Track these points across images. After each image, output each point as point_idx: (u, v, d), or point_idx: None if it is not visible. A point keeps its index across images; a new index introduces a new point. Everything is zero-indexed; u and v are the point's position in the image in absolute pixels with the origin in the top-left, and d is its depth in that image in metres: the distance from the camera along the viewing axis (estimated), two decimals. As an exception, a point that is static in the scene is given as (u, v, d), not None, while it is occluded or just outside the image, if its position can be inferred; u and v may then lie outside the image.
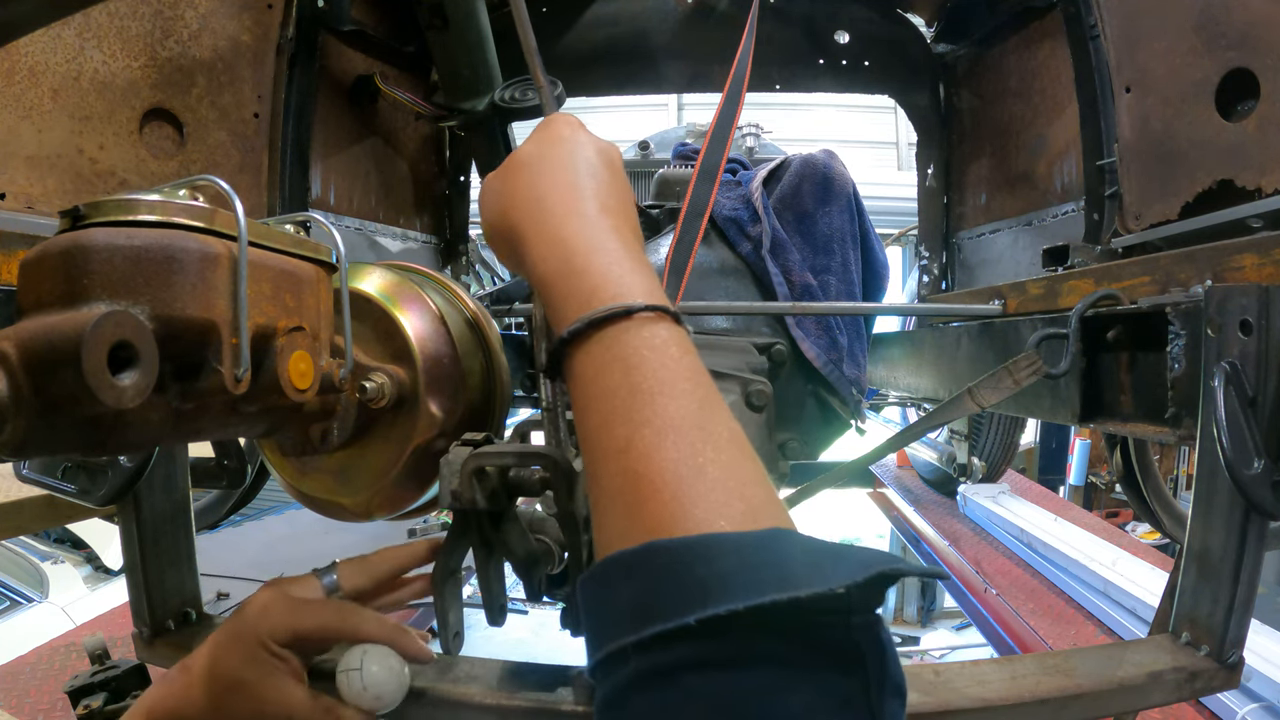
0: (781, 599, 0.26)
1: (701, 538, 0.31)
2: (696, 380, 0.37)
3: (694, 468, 0.33)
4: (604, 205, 0.45)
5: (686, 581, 0.29)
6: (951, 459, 2.78)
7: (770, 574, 0.28)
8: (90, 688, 1.04)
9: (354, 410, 0.66)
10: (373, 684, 0.53)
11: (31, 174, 0.93)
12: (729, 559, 0.29)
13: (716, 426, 0.35)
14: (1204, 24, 1.00)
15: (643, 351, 0.37)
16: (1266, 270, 0.83)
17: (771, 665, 0.27)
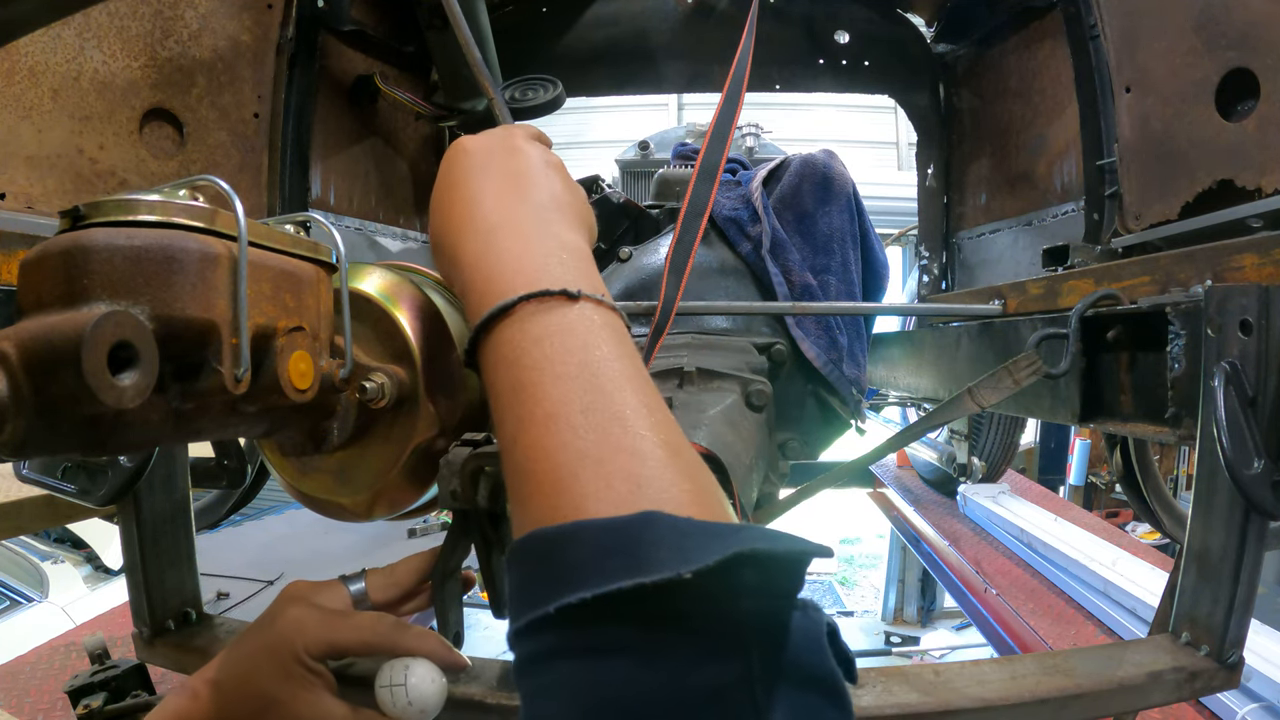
0: (627, 585, 0.26)
1: (566, 526, 0.30)
2: (584, 359, 0.36)
3: (575, 453, 0.32)
4: (495, 205, 0.45)
5: (551, 570, 0.29)
6: (951, 459, 2.78)
7: (623, 560, 0.27)
8: (90, 687, 1.04)
9: (354, 410, 0.66)
10: (418, 699, 0.51)
11: (31, 174, 0.93)
12: (587, 547, 0.29)
13: (604, 404, 0.34)
14: (1204, 24, 1.00)
15: (523, 345, 0.37)
16: (1266, 270, 0.83)
17: (628, 654, 0.26)
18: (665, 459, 0.33)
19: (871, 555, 7.00)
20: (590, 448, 0.33)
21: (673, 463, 0.33)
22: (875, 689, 0.72)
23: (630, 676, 0.26)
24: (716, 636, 0.26)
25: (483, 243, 0.43)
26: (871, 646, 5.16)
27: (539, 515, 0.32)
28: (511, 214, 0.44)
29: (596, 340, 0.37)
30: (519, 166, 0.48)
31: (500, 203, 0.45)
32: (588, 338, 0.37)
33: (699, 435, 0.76)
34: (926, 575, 5.24)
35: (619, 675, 0.26)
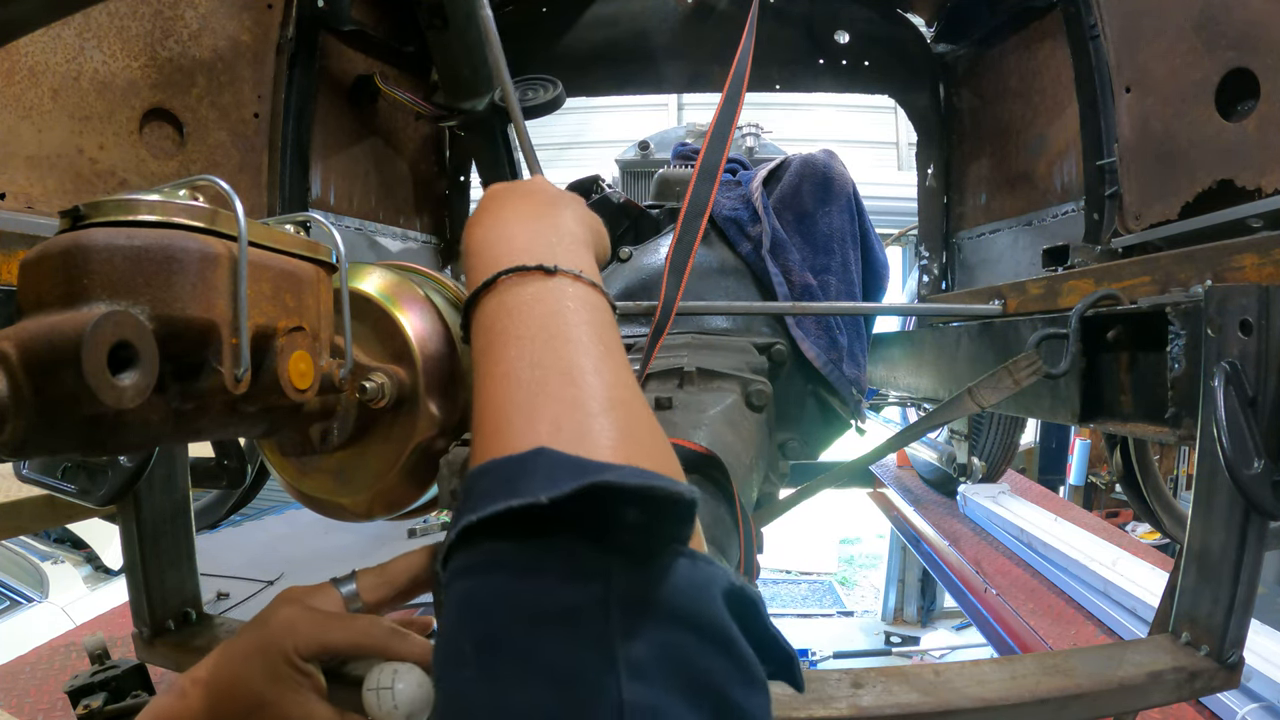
0: (499, 508, 0.28)
1: (484, 463, 0.33)
2: (545, 324, 0.39)
3: (513, 403, 0.36)
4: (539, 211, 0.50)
5: (466, 501, 0.31)
6: (951, 459, 2.78)
7: (507, 487, 0.29)
8: (90, 688, 1.04)
9: (354, 410, 0.66)
10: (404, 703, 0.50)
11: (31, 174, 0.93)
12: (491, 477, 0.32)
13: (553, 361, 0.37)
14: (1204, 24, 1.00)
15: (497, 314, 0.41)
16: (1266, 270, 0.83)
17: (501, 571, 0.29)
18: (597, 410, 0.35)
19: (871, 555, 7.01)
20: (526, 398, 0.35)
21: (605, 413, 0.35)
22: (875, 689, 0.72)
23: (503, 590, 0.28)
24: (579, 561, 0.28)
25: (493, 235, 0.47)
26: (871, 646, 5.16)
27: (477, 453, 0.36)
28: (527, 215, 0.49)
29: (562, 307, 0.40)
30: (551, 195, 0.53)
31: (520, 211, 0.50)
32: (555, 305, 0.40)
33: (699, 435, 0.76)
34: (926, 575, 5.24)
35: (493, 590, 0.28)
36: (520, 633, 0.26)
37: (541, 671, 0.25)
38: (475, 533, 0.29)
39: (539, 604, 0.27)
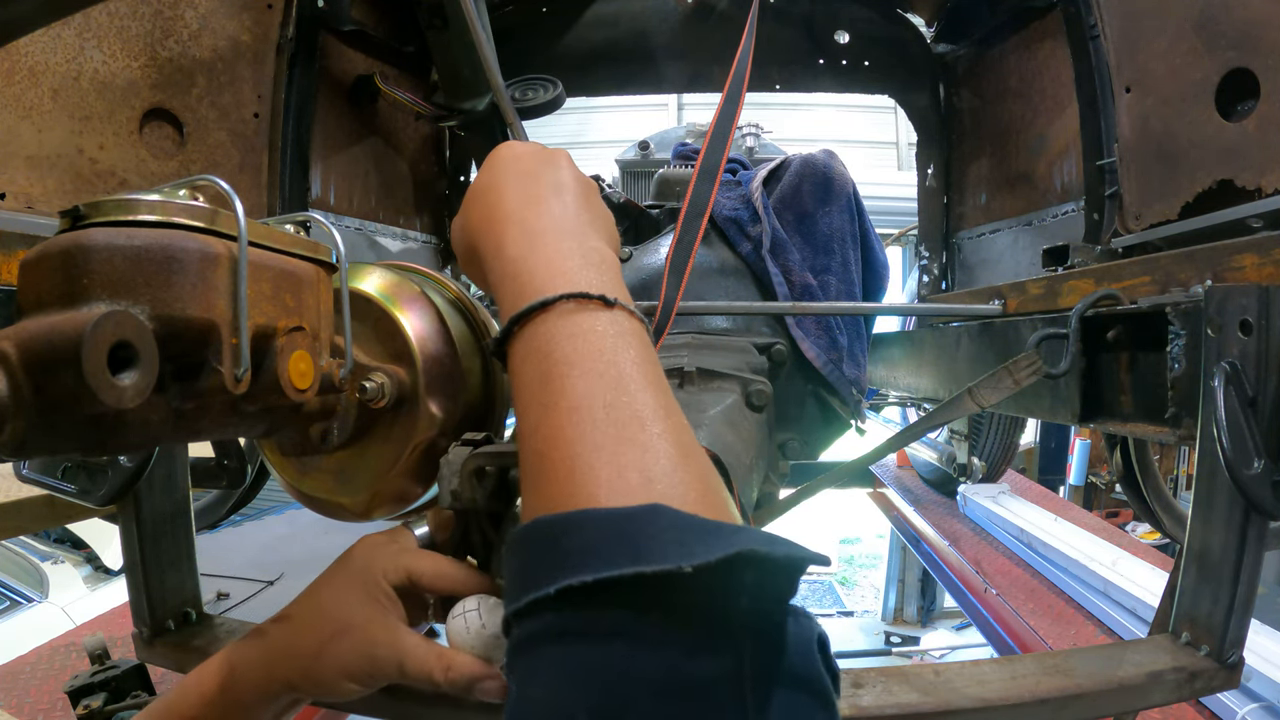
0: (628, 572, 0.26)
1: (575, 512, 0.31)
2: (613, 359, 0.37)
3: (592, 445, 0.34)
4: (552, 208, 0.47)
5: (554, 553, 0.29)
6: (951, 459, 2.78)
7: (627, 548, 0.27)
8: (90, 688, 1.04)
9: (354, 410, 0.66)
10: (493, 622, 0.48)
11: (31, 174, 0.93)
12: (592, 532, 0.29)
13: (627, 402, 0.35)
14: (1204, 24, 1.00)
15: (557, 339, 0.39)
16: (1266, 270, 0.83)
17: (623, 640, 0.27)
18: (678, 459, 0.34)
19: (871, 555, 7.00)
20: (607, 441, 0.34)
21: (685, 464, 0.34)
22: (875, 689, 0.72)
23: (624, 662, 0.26)
24: (712, 631, 0.26)
25: (528, 244, 0.45)
26: (871, 646, 5.16)
27: (549, 501, 0.33)
28: (555, 222, 0.46)
29: (625, 345, 0.38)
30: (561, 180, 0.50)
31: (545, 210, 0.47)
32: (617, 341, 0.38)
33: (699, 435, 0.76)
34: (926, 575, 5.24)
35: (612, 660, 0.26)
36: (648, 707, 0.25)
37: None
38: (580, 595, 0.27)
39: (670, 678, 0.25)
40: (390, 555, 0.52)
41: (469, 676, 0.48)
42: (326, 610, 0.50)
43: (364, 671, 0.49)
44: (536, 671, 0.28)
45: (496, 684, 0.48)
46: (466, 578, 0.52)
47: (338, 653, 0.49)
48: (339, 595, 0.51)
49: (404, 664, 0.48)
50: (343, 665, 0.49)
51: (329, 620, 0.50)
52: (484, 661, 0.49)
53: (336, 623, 0.50)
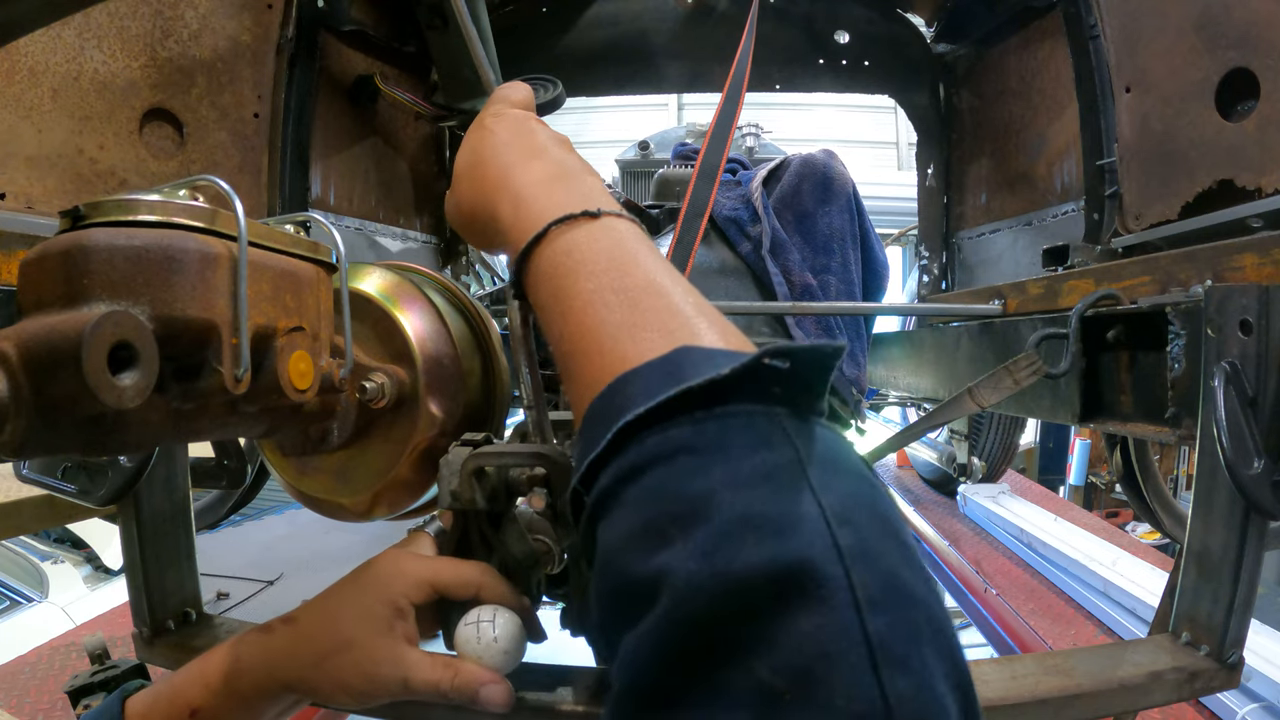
0: (674, 392, 0.28)
1: (617, 378, 0.33)
2: (611, 254, 0.40)
3: (611, 326, 0.36)
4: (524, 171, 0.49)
5: (605, 417, 0.31)
6: (951, 459, 2.78)
7: (668, 380, 0.29)
8: (90, 688, 1.04)
9: (354, 410, 0.66)
10: (504, 636, 0.49)
11: (31, 174, 0.92)
12: (635, 385, 0.31)
13: (633, 282, 0.38)
14: (1204, 24, 1.00)
15: (556, 259, 0.42)
16: (1266, 270, 0.83)
17: (687, 454, 0.28)
18: (691, 312, 0.36)
19: (871, 555, 6.98)
20: (623, 317, 0.36)
21: (698, 315, 0.36)
22: (875, 689, 0.72)
23: (690, 473, 0.27)
24: (761, 430, 0.28)
25: (514, 206, 0.47)
26: (871, 646, 5.14)
27: (589, 383, 0.35)
28: (536, 175, 0.49)
29: (619, 239, 0.41)
30: (537, 143, 0.52)
31: (527, 171, 0.49)
32: (611, 238, 0.41)
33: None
34: (926, 575, 5.22)
35: (679, 473, 0.27)
36: (728, 499, 0.26)
37: (758, 528, 0.25)
38: (636, 429, 0.29)
39: (738, 472, 0.27)
40: (413, 572, 0.52)
41: (476, 683, 0.48)
42: (332, 623, 0.51)
43: (361, 690, 0.49)
44: (614, 517, 0.29)
45: (502, 689, 0.49)
46: (490, 586, 0.53)
47: (338, 667, 0.49)
48: (347, 610, 0.51)
49: (409, 679, 0.49)
50: (341, 680, 0.49)
51: (332, 634, 0.50)
52: (489, 670, 0.49)
53: (339, 637, 0.50)
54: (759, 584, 0.23)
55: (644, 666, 0.24)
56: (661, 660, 0.24)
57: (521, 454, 0.54)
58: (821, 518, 0.25)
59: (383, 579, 0.52)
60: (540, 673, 0.62)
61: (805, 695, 0.22)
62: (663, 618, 0.24)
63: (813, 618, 0.23)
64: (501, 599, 0.53)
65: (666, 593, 0.24)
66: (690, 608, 0.24)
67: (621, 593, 0.27)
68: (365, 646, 0.49)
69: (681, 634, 0.24)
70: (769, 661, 0.22)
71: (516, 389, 0.63)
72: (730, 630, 0.23)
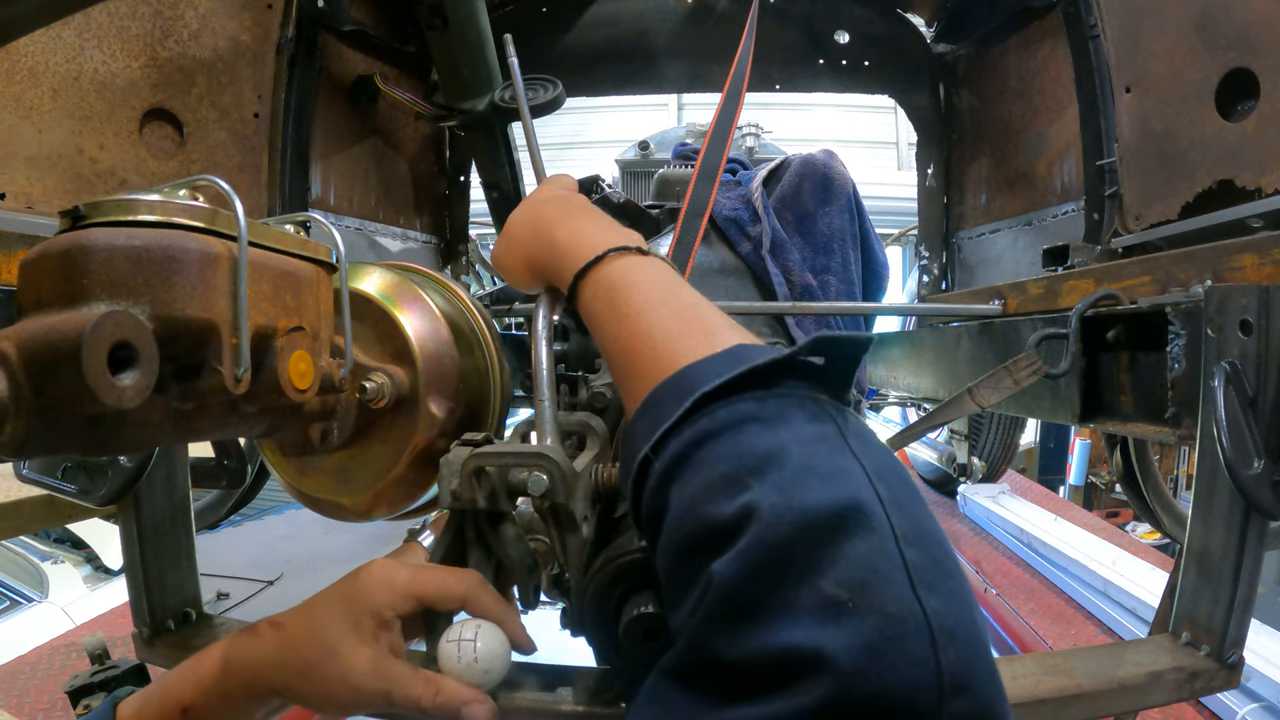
0: (743, 369, 0.35)
1: (684, 368, 0.40)
2: (658, 279, 0.50)
3: (663, 330, 0.45)
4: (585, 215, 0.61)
5: (679, 394, 0.37)
6: (951, 459, 2.78)
7: (731, 364, 0.37)
8: (90, 688, 1.04)
9: (354, 410, 0.66)
10: (485, 656, 0.49)
11: (31, 174, 0.93)
12: (703, 369, 0.38)
13: (674, 299, 0.47)
14: (1204, 24, 1.00)
15: (613, 277, 0.51)
16: (1266, 270, 0.83)
17: (754, 422, 0.34)
18: (727, 325, 0.45)
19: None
20: (673, 325, 0.45)
21: (733, 327, 0.45)
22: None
23: (760, 435, 0.34)
24: (812, 405, 0.35)
25: (571, 233, 0.58)
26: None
27: (647, 372, 0.42)
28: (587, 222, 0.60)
29: (660, 271, 0.52)
30: (590, 207, 0.64)
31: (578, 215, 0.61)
32: (655, 269, 0.52)
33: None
34: (926, 575, 5.22)
35: (751, 436, 0.34)
36: (795, 451, 0.32)
37: (821, 475, 0.31)
38: (707, 401, 0.35)
39: (799, 434, 0.33)
40: (399, 584, 0.52)
41: (457, 701, 0.49)
42: (317, 632, 0.51)
43: (345, 700, 0.49)
44: (691, 475, 0.34)
45: (485, 709, 0.49)
46: (476, 599, 0.53)
47: (323, 677, 0.49)
48: (332, 620, 0.51)
49: (391, 694, 0.49)
50: (326, 690, 0.49)
51: (317, 642, 0.50)
52: (472, 687, 0.49)
53: (324, 647, 0.50)
54: (825, 516, 0.29)
55: (733, 585, 0.29)
56: (750, 577, 0.29)
57: (522, 454, 0.54)
58: (863, 473, 0.32)
59: (369, 589, 0.52)
60: (540, 673, 0.62)
61: (863, 602, 0.27)
62: (753, 541, 0.29)
63: (864, 544, 0.29)
64: (487, 612, 0.52)
65: (754, 522, 0.30)
66: (775, 531, 0.29)
67: (702, 533, 0.32)
68: (349, 657, 0.49)
69: (768, 554, 0.29)
70: (833, 576, 0.28)
71: (517, 389, 0.63)
72: (803, 550, 0.29)
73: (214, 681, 0.51)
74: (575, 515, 0.53)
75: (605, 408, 1.00)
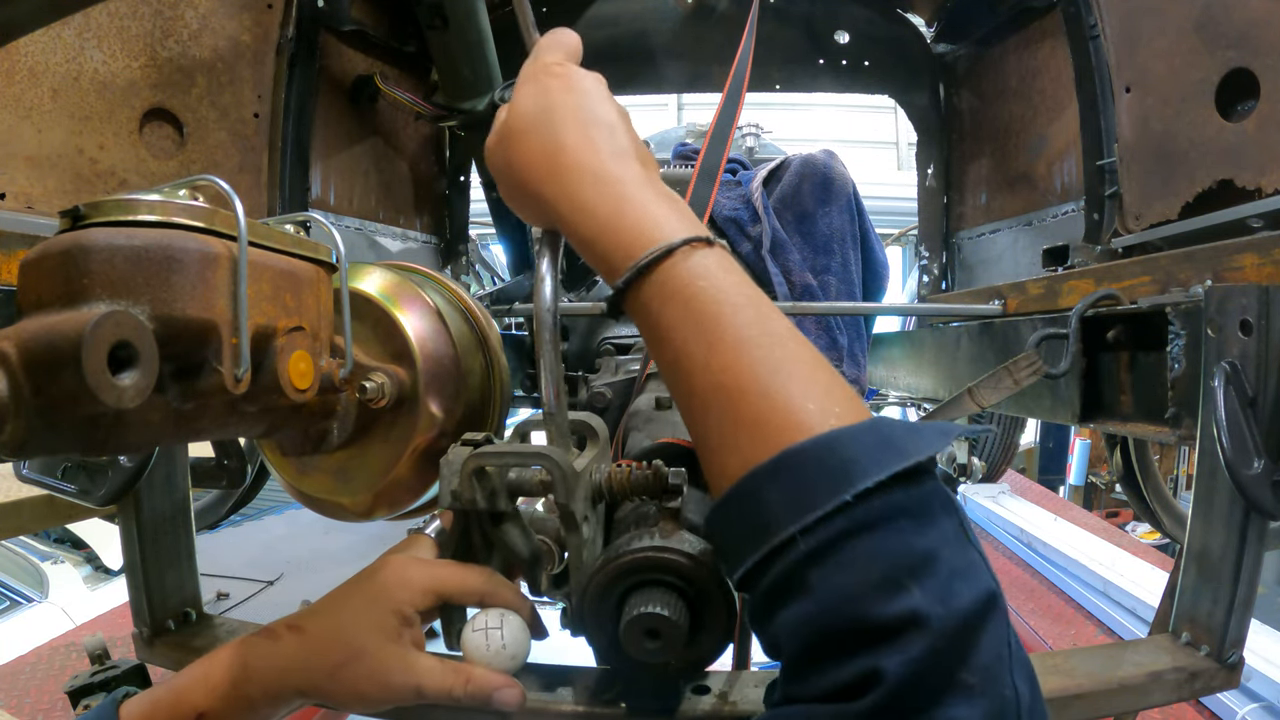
0: (909, 464, 0.35)
1: (830, 434, 0.37)
2: (747, 293, 0.43)
3: (775, 374, 0.40)
4: (617, 151, 0.48)
5: (830, 470, 0.36)
6: (951, 459, 2.78)
7: (891, 451, 0.36)
8: (90, 688, 1.04)
9: (354, 410, 0.66)
10: (511, 643, 0.51)
11: (31, 174, 0.92)
12: (857, 445, 0.37)
13: (768, 324, 0.42)
14: (1204, 24, 1.00)
15: (696, 282, 0.43)
16: (1266, 270, 0.83)
17: (906, 518, 0.35)
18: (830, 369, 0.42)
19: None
20: (784, 367, 0.40)
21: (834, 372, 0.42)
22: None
23: (913, 533, 0.35)
24: (944, 497, 0.37)
25: (614, 192, 0.46)
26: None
27: (764, 428, 0.39)
28: (624, 170, 0.48)
29: (740, 275, 0.44)
30: (605, 115, 0.50)
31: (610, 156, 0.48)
32: (736, 271, 0.44)
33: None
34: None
35: (904, 538, 0.35)
36: (945, 555, 0.34)
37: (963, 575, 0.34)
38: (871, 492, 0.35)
39: (944, 533, 0.35)
40: (419, 581, 0.53)
41: (489, 688, 0.50)
42: (342, 633, 0.51)
43: (377, 697, 0.50)
44: (841, 566, 0.35)
45: (515, 692, 0.51)
46: (495, 592, 0.54)
47: (352, 677, 0.50)
48: (356, 620, 0.51)
49: (421, 686, 0.50)
50: (356, 689, 0.50)
51: (343, 644, 0.51)
52: (500, 673, 0.51)
53: (350, 647, 0.50)
54: (972, 616, 0.33)
55: (906, 684, 0.31)
56: (920, 676, 0.31)
57: (522, 454, 0.54)
58: (983, 561, 0.36)
59: (389, 588, 0.52)
60: (540, 673, 0.62)
61: (988, 686, 0.32)
62: (926, 648, 0.32)
63: (994, 631, 0.33)
64: (506, 603, 0.54)
65: (923, 630, 0.32)
66: (942, 637, 0.32)
67: (861, 628, 0.33)
68: (377, 656, 0.50)
69: (934, 657, 0.32)
70: (969, 665, 0.32)
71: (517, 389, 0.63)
72: (959, 648, 0.32)
73: (230, 685, 0.51)
74: (575, 515, 0.53)
75: (605, 408, 1.00)
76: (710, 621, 0.49)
